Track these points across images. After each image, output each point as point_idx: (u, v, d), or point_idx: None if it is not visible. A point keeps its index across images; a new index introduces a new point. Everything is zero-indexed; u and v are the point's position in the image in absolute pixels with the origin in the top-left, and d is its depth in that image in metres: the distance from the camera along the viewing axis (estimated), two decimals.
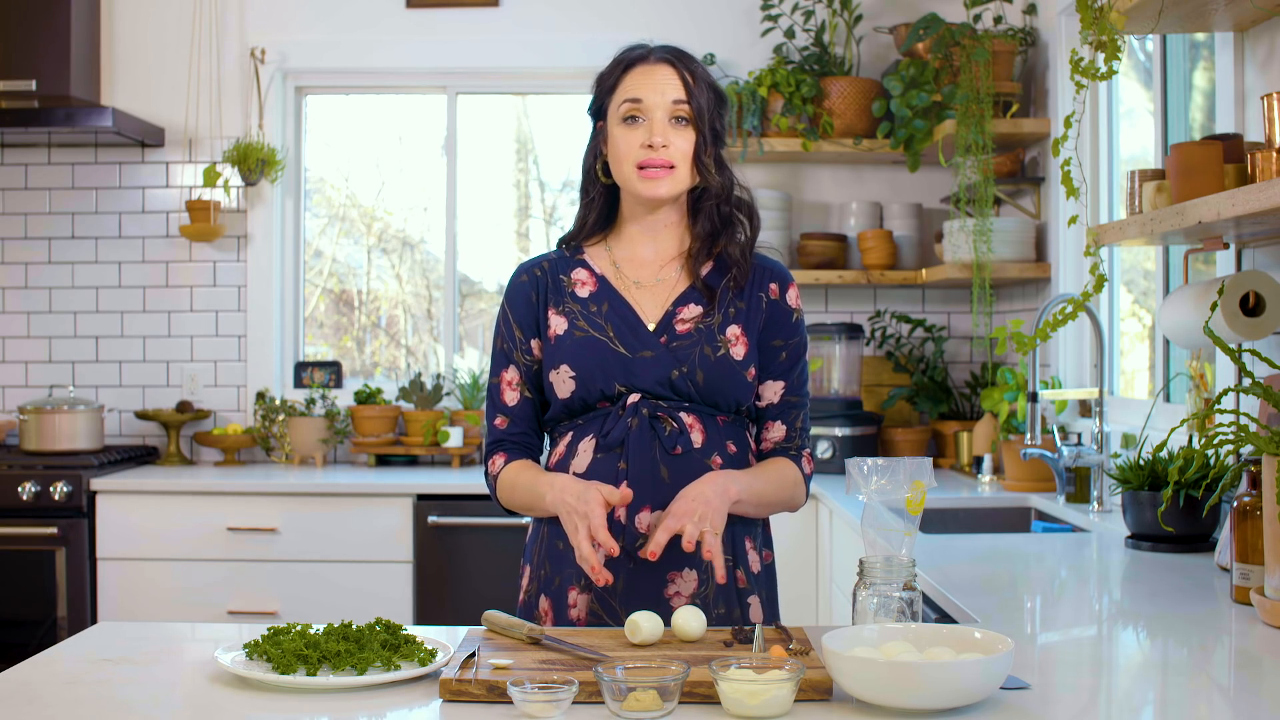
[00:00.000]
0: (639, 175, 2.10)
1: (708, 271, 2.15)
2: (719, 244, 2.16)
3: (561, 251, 2.23)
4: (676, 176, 2.10)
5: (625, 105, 2.11)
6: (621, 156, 2.11)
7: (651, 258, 2.18)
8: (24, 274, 4.75)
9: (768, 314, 2.14)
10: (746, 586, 2.11)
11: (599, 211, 2.21)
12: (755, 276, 2.15)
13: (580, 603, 2.08)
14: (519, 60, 4.72)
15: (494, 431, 2.20)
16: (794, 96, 4.39)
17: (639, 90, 2.10)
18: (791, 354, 2.16)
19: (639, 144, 2.09)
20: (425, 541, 4.08)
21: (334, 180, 5.02)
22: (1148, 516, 2.62)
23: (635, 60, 2.13)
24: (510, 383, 2.18)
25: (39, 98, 4.38)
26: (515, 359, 2.17)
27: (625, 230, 2.19)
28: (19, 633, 4.10)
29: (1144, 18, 2.66)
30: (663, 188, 2.09)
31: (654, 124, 2.09)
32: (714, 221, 2.16)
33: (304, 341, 4.91)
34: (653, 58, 2.13)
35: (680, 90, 2.09)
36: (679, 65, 2.11)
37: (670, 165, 2.09)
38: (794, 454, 2.18)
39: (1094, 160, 3.81)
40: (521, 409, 2.18)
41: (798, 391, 2.17)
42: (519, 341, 2.17)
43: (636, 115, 2.10)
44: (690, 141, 2.10)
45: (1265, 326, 2.52)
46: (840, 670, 1.53)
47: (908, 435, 4.42)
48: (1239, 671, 1.82)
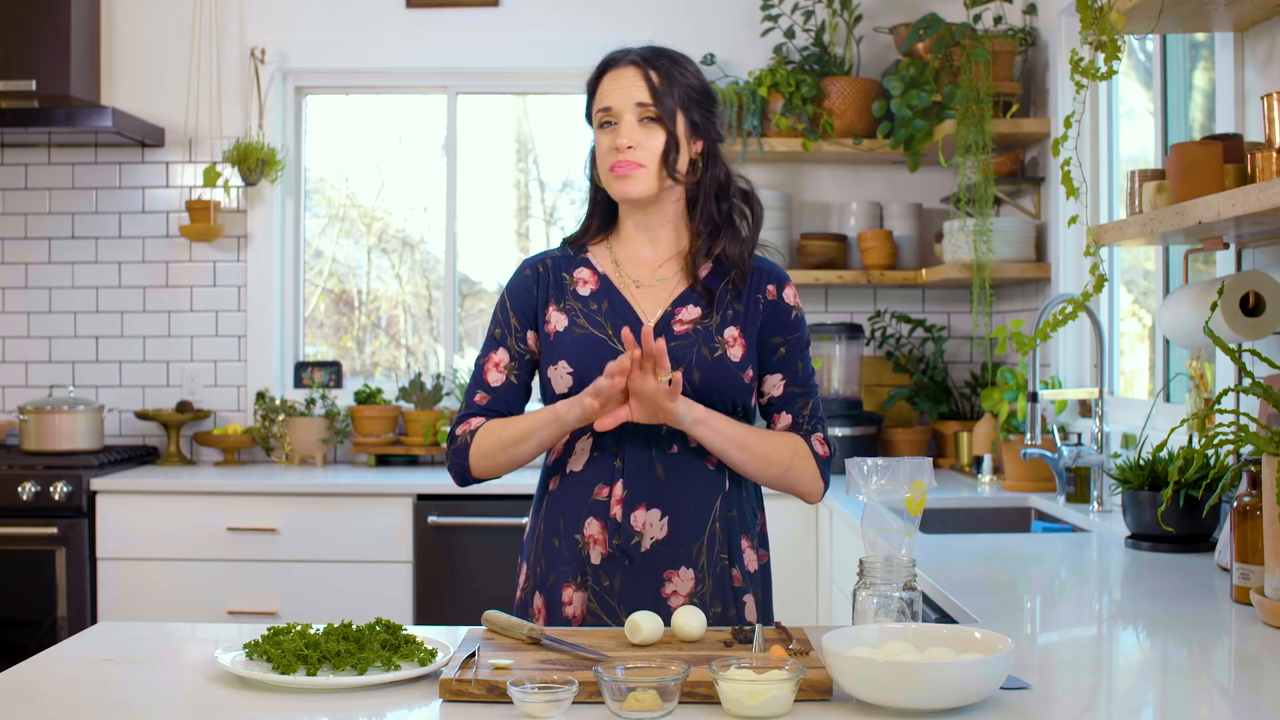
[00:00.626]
0: (611, 175, 2.13)
1: (706, 274, 2.16)
2: (719, 243, 2.15)
3: (566, 250, 2.23)
4: (645, 175, 2.11)
5: (599, 111, 2.15)
6: (599, 159, 2.16)
7: (650, 257, 2.18)
8: (24, 274, 4.75)
9: (766, 314, 2.15)
10: (742, 585, 2.12)
11: (601, 215, 2.23)
12: (753, 279, 2.16)
13: (576, 600, 2.08)
14: (519, 60, 4.72)
15: (471, 406, 2.17)
16: (794, 96, 4.39)
17: (608, 95, 2.14)
18: (791, 349, 2.16)
19: (609, 147, 2.12)
20: (425, 541, 4.08)
21: (334, 180, 5.02)
22: (1148, 516, 2.62)
23: (608, 66, 2.17)
24: (497, 364, 2.17)
25: (39, 98, 4.38)
26: (508, 345, 2.17)
27: (624, 230, 2.21)
28: (19, 633, 4.10)
29: (1144, 18, 2.66)
30: (631, 186, 2.11)
31: (621, 126, 2.11)
32: (714, 217, 2.16)
33: (304, 341, 4.91)
34: (623, 61, 2.15)
35: (645, 92, 2.11)
36: (644, 67, 2.13)
37: (638, 163, 2.10)
38: (803, 435, 2.17)
39: (1094, 160, 3.81)
40: (505, 390, 2.16)
41: (801, 383, 2.17)
42: (514, 329, 2.17)
43: (608, 120, 2.14)
44: (660, 141, 2.11)
45: (1265, 326, 2.52)
46: (840, 670, 1.53)
47: (908, 435, 4.42)
48: (1239, 671, 1.82)
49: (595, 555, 2.07)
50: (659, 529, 2.06)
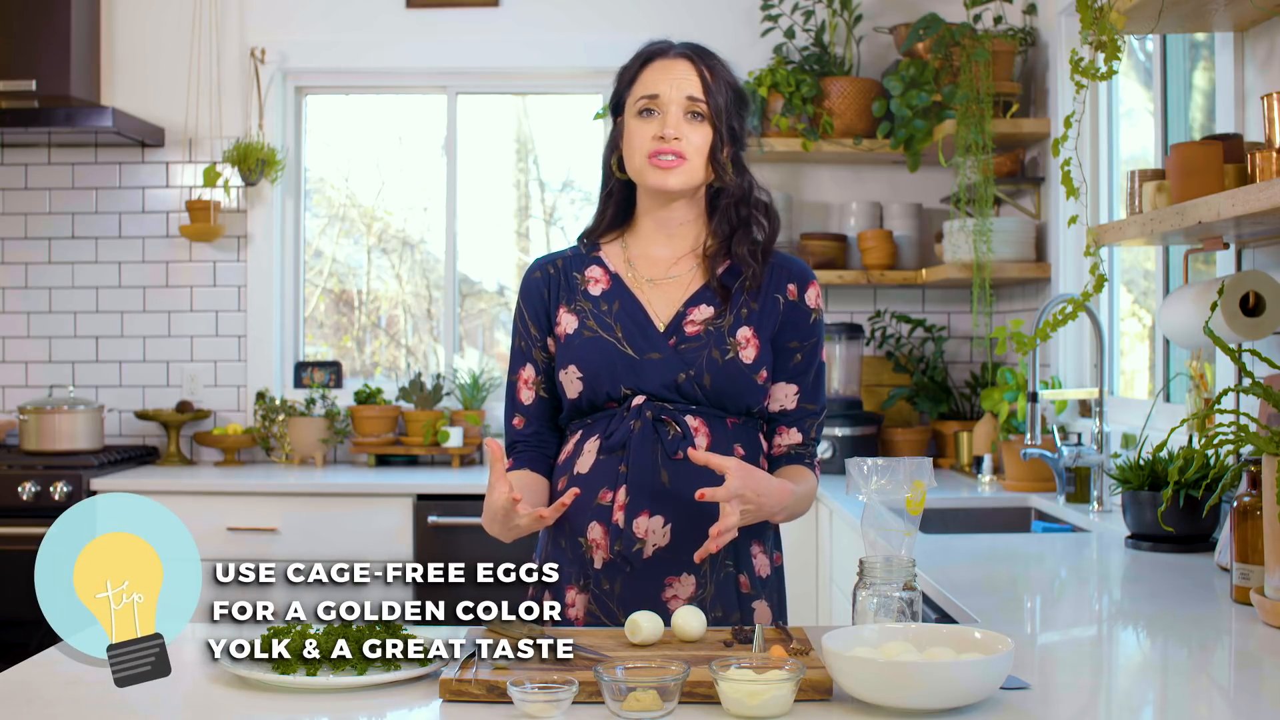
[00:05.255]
0: (650, 164, 2.07)
1: (723, 270, 2.12)
2: (736, 243, 2.12)
3: (578, 248, 2.20)
4: (688, 168, 2.08)
5: (642, 99, 2.10)
6: (635, 148, 2.10)
7: (666, 255, 2.15)
8: (24, 274, 4.75)
9: (785, 315, 2.12)
10: (750, 591, 2.09)
11: (616, 207, 2.19)
12: (773, 276, 2.13)
13: (579, 602, 2.07)
14: (519, 60, 4.72)
15: (511, 432, 2.19)
16: (794, 96, 4.39)
17: (655, 84, 2.09)
18: (807, 356, 2.14)
19: (651, 135, 2.07)
20: (425, 541, 4.08)
21: (334, 180, 5.02)
22: (1148, 516, 2.62)
23: (654, 54, 2.13)
24: (526, 381, 2.17)
25: (39, 98, 4.38)
26: (533, 356, 2.16)
27: (641, 227, 2.17)
28: (19, 633, 4.09)
29: (1144, 18, 2.66)
30: (673, 178, 2.07)
31: (668, 117, 2.07)
32: (731, 222, 2.14)
33: (304, 341, 4.91)
34: (672, 53, 2.12)
35: (697, 86, 2.08)
36: (697, 61, 2.10)
37: (682, 155, 2.07)
38: (808, 462, 2.16)
39: (1094, 160, 3.81)
40: (538, 408, 2.17)
41: (814, 399, 2.15)
42: (535, 339, 2.16)
43: (652, 109, 2.09)
44: (705, 137, 2.08)
45: (1265, 326, 2.52)
46: (840, 670, 1.53)
47: (908, 435, 4.42)
48: (1239, 671, 1.82)
49: (597, 560, 2.06)
50: (661, 536, 2.04)
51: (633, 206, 2.19)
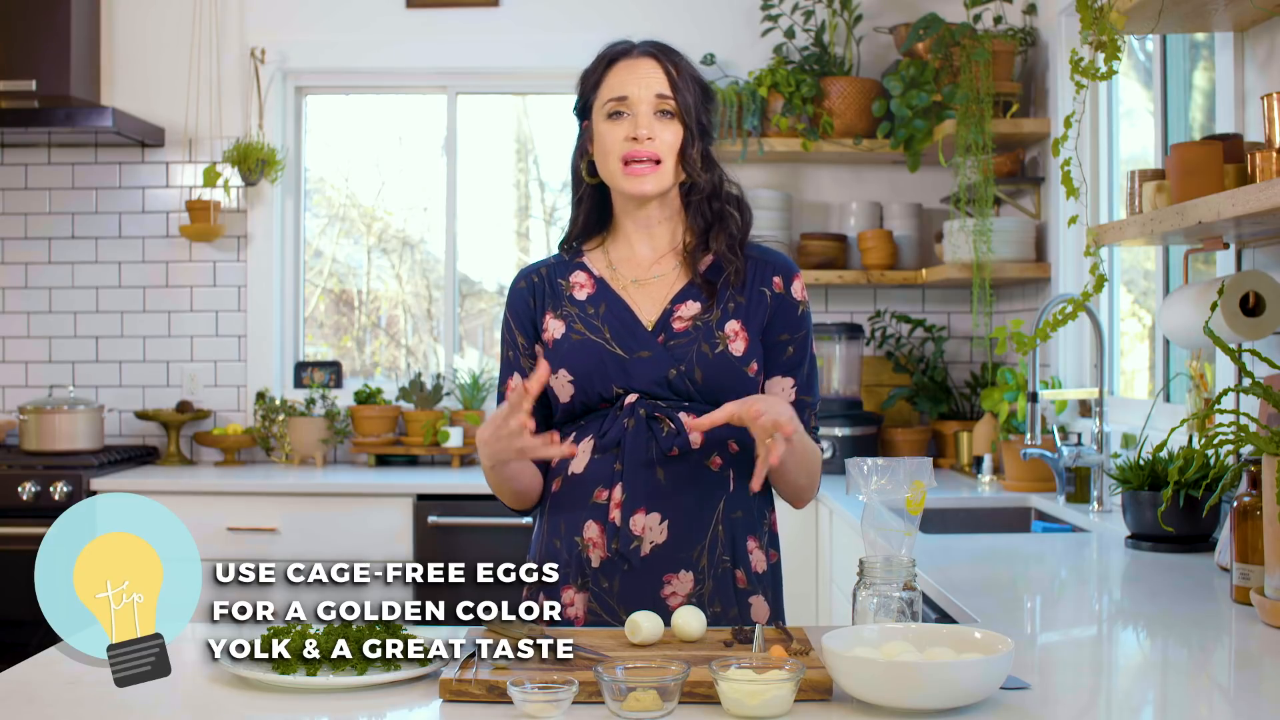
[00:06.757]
0: (623, 171, 2.07)
1: (707, 267, 2.12)
2: (714, 238, 2.13)
3: (561, 255, 2.21)
4: (662, 172, 2.08)
5: (610, 101, 2.09)
6: (607, 151, 2.09)
7: (648, 254, 2.15)
8: (24, 274, 4.75)
9: (772, 309, 2.12)
10: (747, 586, 2.09)
11: (588, 212, 2.19)
12: (756, 270, 2.13)
13: (577, 601, 2.07)
14: (519, 60, 4.72)
15: None
16: (794, 96, 4.39)
17: (623, 85, 2.08)
18: (798, 348, 2.13)
19: (623, 136, 2.07)
20: (425, 541, 4.08)
21: (334, 180, 5.02)
22: (1148, 516, 2.62)
23: (618, 55, 2.12)
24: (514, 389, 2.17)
25: (39, 98, 4.38)
26: (521, 365, 2.16)
27: (620, 229, 2.17)
28: (19, 633, 4.09)
29: (1144, 18, 2.66)
30: (648, 184, 2.07)
31: (639, 117, 2.07)
32: (706, 217, 2.14)
33: (304, 341, 4.91)
34: (636, 52, 2.12)
35: (665, 84, 2.08)
36: (663, 59, 2.10)
37: (656, 160, 2.07)
38: None
39: (1094, 160, 3.81)
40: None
41: (809, 390, 2.15)
42: (523, 348, 2.16)
43: (621, 110, 2.08)
44: (676, 135, 2.08)
45: (1265, 326, 2.52)
46: (840, 670, 1.53)
47: (908, 435, 4.42)
48: (1239, 671, 1.82)
49: (595, 558, 2.06)
50: (658, 533, 2.03)
51: (607, 210, 2.19)
